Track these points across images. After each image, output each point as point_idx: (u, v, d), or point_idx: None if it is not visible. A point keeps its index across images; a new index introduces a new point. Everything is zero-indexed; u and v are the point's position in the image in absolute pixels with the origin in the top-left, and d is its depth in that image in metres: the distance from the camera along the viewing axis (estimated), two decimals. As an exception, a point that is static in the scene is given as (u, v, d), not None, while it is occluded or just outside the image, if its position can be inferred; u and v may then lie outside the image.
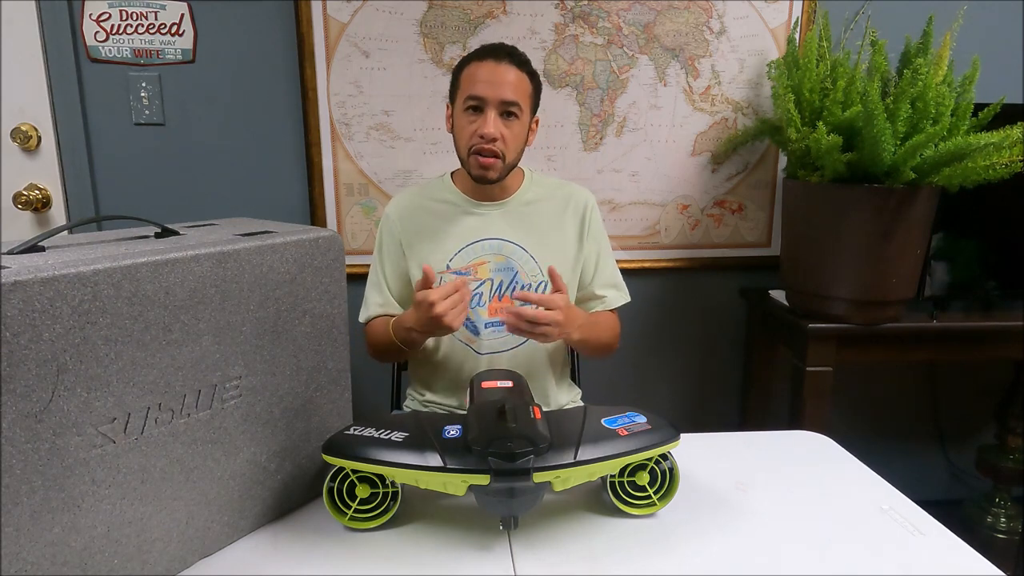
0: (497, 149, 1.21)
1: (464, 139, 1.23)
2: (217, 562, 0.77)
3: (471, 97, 1.21)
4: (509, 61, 1.21)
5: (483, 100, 1.20)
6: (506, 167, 1.25)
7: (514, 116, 1.22)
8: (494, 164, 1.22)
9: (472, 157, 1.22)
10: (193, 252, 0.71)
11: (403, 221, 1.33)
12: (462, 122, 1.24)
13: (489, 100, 1.20)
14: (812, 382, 1.61)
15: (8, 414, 0.58)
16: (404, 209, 1.35)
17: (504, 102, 1.20)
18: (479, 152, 1.21)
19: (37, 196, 1.72)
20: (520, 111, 1.22)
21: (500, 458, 0.75)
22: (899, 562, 0.78)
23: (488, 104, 1.20)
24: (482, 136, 1.20)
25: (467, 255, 1.30)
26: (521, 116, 1.23)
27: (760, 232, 1.92)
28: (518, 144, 1.25)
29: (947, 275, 1.70)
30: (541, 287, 1.31)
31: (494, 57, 1.22)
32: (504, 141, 1.21)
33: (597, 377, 1.80)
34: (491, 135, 1.19)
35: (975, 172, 1.39)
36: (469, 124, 1.22)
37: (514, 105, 1.21)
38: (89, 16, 1.65)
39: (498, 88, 1.20)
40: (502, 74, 1.20)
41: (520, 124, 1.24)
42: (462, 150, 1.25)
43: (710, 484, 0.94)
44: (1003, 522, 1.91)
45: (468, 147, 1.23)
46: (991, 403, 1.96)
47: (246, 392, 0.78)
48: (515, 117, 1.22)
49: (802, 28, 1.77)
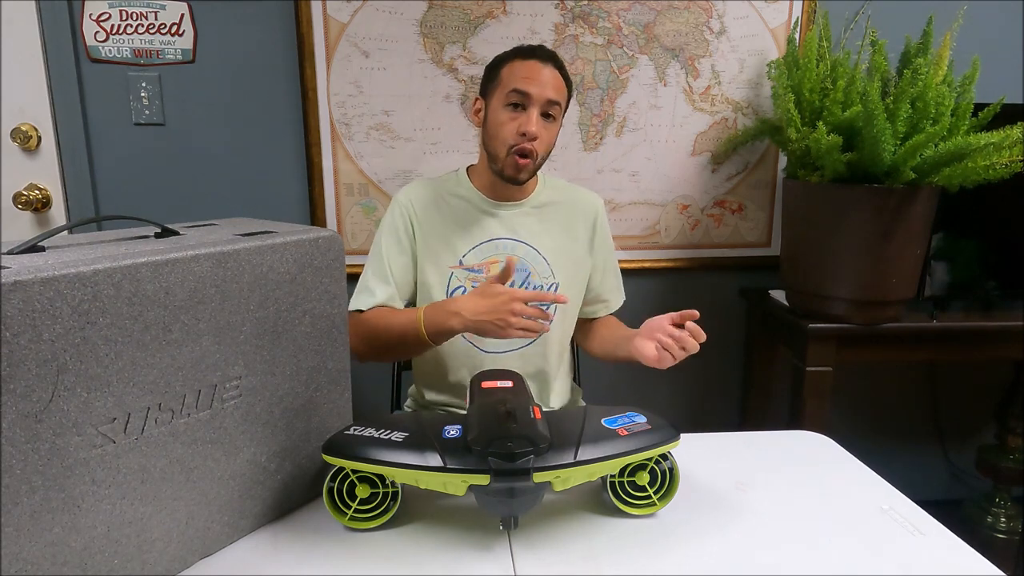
0: (535, 148, 1.20)
1: (504, 135, 1.20)
2: (217, 562, 0.77)
3: (516, 91, 1.18)
4: (552, 64, 1.21)
5: (528, 97, 1.18)
6: (536, 168, 1.25)
7: (552, 118, 1.22)
8: (528, 165, 1.21)
9: (511, 156, 1.20)
10: (193, 252, 0.71)
11: (419, 212, 1.30)
12: (502, 117, 1.20)
13: (534, 98, 1.18)
14: (812, 382, 1.61)
15: (8, 414, 0.58)
16: (420, 200, 1.31)
17: (549, 101, 1.19)
18: (520, 152, 1.19)
19: (37, 196, 1.72)
20: (558, 113, 1.23)
21: (500, 458, 0.75)
22: (899, 562, 0.78)
23: (532, 102, 1.18)
24: (524, 134, 1.18)
25: (480, 253, 1.29)
26: (557, 119, 1.23)
27: (760, 232, 1.92)
28: (550, 147, 1.25)
29: (947, 275, 1.70)
30: (553, 289, 1.31)
31: (539, 57, 1.21)
32: (542, 141, 1.21)
33: (597, 377, 1.80)
34: (534, 133, 1.18)
35: (975, 172, 1.39)
36: (511, 120, 1.20)
37: (555, 106, 1.20)
38: (89, 16, 1.65)
39: (544, 87, 1.19)
40: (551, 76, 1.20)
41: (555, 127, 1.24)
42: (500, 146, 1.21)
43: (710, 484, 0.94)
44: (1003, 522, 1.91)
45: (509, 144, 1.20)
46: (991, 403, 1.96)
47: (246, 392, 0.78)
48: (553, 119, 1.22)
49: (802, 28, 1.77)
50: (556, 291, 1.30)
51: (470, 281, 1.28)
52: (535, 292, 1.09)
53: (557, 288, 1.31)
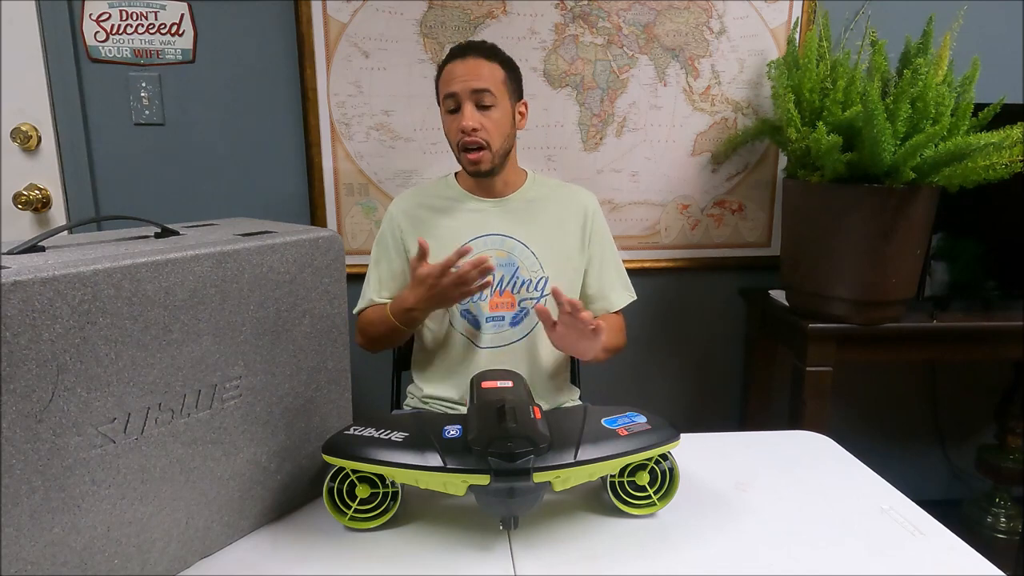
0: (480, 139, 1.25)
1: (451, 139, 1.30)
2: (217, 562, 0.77)
3: (447, 96, 1.27)
4: (475, 55, 1.27)
5: (456, 95, 1.25)
6: (496, 155, 1.28)
7: (489, 105, 1.26)
8: (483, 156, 1.27)
9: (462, 154, 1.28)
10: (193, 252, 0.71)
11: (406, 219, 1.36)
12: (446, 123, 1.30)
13: (460, 93, 1.25)
14: (812, 382, 1.61)
15: (8, 414, 0.57)
16: (407, 207, 1.38)
17: (474, 91, 1.24)
18: (466, 147, 1.26)
19: (37, 196, 1.72)
20: (494, 97, 1.26)
21: (500, 458, 0.75)
22: (899, 562, 0.78)
23: (461, 98, 1.25)
24: (462, 130, 1.25)
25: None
26: (498, 103, 1.27)
27: (760, 232, 1.92)
28: (502, 130, 1.28)
29: (947, 275, 1.70)
30: (542, 283, 1.32)
31: (459, 55, 1.27)
32: (486, 130, 1.25)
33: (597, 377, 1.80)
34: (469, 126, 1.24)
35: (975, 172, 1.39)
36: (452, 123, 1.28)
37: (485, 93, 1.25)
38: (89, 16, 1.65)
39: (465, 81, 1.24)
40: (469, 68, 1.25)
41: (500, 110, 1.27)
42: (453, 149, 1.31)
43: (710, 484, 0.94)
44: (1003, 522, 1.91)
45: (456, 144, 1.28)
46: (991, 403, 1.96)
47: (246, 392, 0.78)
48: (491, 106, 1.26)
49: (802, 28, 1.77)
50: (546, 284, 1.32)
51: None
52: (446, 260, 1.14)
53: (547, 282, 1.32)
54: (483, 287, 1.20)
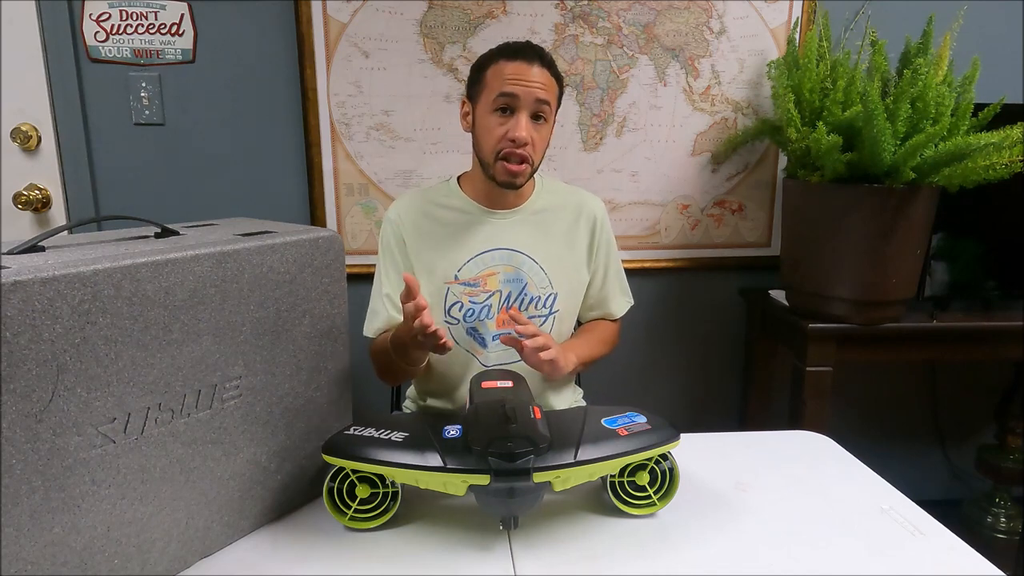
0: (527, 153, 1.15)
1: (492, 141, 1.16)
2: (217, 562, 0.77)
3: (503, 95, 1.13)
4: (540, 63, 1.16)
5: (516, 100, 1.13)
6: (532, 172, 1.20)
7: (543, 119, 1.17)
8: (523, 171, 1.16)
9: (500, 163, 1.16)
10: (193, 252, 0.71)
11: (408, 226, 1.26)
12: (489, 123, 1.16)
13: (523, 100, 1.13)
14: (812, 382, 1.61)
15: (8, 414, 0.58)
16: (409, 214, 1.27)
17: (538, 101, 1.14)
18: (507, 157, 1.15)
19: (37, 196, 1.72)
20: (551, 112, 1.18)
21: (500, 458, 0.75)
22: (899, 562, 0.78)
23: (521, 105, 1.14)
24: (513, 140, 1.13)
25: (477, 265, 1.24)
26: (549, 119, 1.18)
27: (760, 232, 1.92)
28: (544, 149, 1.20)
29: (947, 275, 1.70)
30: (551, 300, 1.26)
31: (525, 57, 1.15)
32: (533, 145, 1.16)
33: (597, 377, 1.80)
34: (523, 139, 1.13)
35: (975, 172, 1.39)
36: (499, 126, 1.15)
37: (545, 106, 1.15)
38: (89, 16, 1.65)
39: (532, 88, 1.13)
40: (537, 76, 1.14)
41: (548, 128, 1.19)
42: (488, 153, 1.17)
43: (710, 484, 0.94)
44: (1003, 522, 1.91)
45: (496, 151, 1.15)
46: (991, 403, 1.95)
47: (246, 392, 0.78)
48: (544, 120, 1.17)
49: (802, 28, 1.77)
50: (555, 301, 1.27)
51: (466, 296, 1.24)
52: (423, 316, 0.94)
53: (555, 299, 1.27)
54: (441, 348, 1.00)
